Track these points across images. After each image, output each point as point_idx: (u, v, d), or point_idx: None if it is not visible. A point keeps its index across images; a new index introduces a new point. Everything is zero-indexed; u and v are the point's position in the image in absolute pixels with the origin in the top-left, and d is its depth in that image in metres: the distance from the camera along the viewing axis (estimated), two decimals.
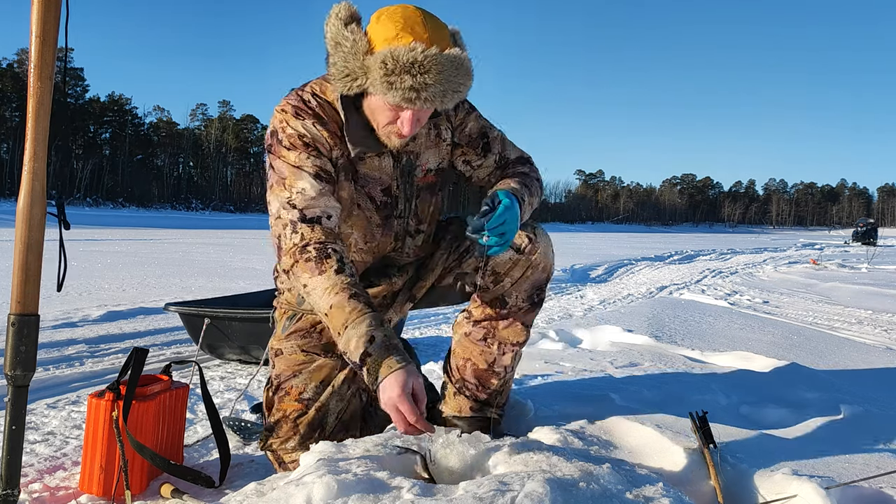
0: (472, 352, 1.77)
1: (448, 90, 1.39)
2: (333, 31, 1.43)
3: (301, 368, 1.69)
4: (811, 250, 21.92)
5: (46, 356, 3.11)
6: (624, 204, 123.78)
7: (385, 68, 1.35)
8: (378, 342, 1.31)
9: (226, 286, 6.21)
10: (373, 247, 1.69)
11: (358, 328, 1.32)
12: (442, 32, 1.42)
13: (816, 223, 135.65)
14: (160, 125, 79.07)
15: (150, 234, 19.27)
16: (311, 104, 1.54)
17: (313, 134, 1.51)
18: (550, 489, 1.13)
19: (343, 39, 1.41)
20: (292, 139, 1.50)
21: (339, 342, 1.36)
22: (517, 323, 1.74)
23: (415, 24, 1.38)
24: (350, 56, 1.40)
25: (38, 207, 1.40)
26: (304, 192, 1.46)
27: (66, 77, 1.67)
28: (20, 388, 1.43)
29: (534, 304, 1.74)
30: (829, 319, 5.45)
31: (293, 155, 1.49)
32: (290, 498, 1.16)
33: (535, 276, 1.71)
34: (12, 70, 60.99)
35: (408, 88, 1.35)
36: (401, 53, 1.34)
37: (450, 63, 1.37)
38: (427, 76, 1.35)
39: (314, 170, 1.49)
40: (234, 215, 62.05)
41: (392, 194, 1.64)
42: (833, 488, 1.35)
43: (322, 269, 1.39)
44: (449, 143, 1.70)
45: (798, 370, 2.79)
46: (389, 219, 1.66)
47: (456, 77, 1.39)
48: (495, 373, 1.77)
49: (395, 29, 1.38)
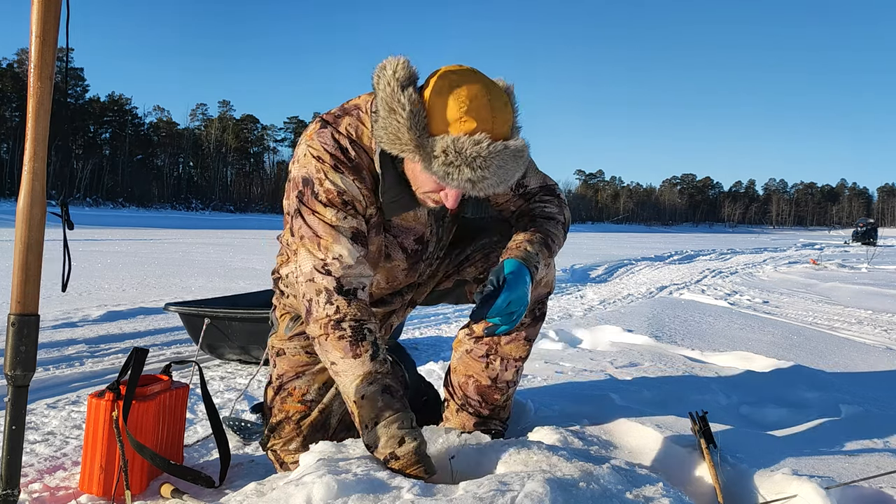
0: (475, 369, 1.75)
1: (503, 181, 1.33)
2: (388, 92, 1.32)
3: (304, 370, 1.68)
4: (811, 250, 21.92)
5: (46, 356, 3.12)
6: (624, 204, 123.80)
7: (446, 158, 1.28)
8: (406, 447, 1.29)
9: (226, 286, 6.21)
10: (395, 285, 1.72)
11: (389, 428, 1.31)
12: (506, 116, 1.33)
13: (816, 223, 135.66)
14: (160, 125, 79.09)
15: (150, 234, 19.27)
16: (349, 154, 1.45)
17: (353, 192, 1.45)
18: (550, 489, 1.13)
19: (398, 107, 1.30)
20: (330, 195, 1.43)
21: (364, 434, 1.35)
22: (520, 338, 1.72)
23: (481, 108, 1.29)
24: (405, 129, 1.30)
25: (38, 207, 1.40)
26: (341, 258, 1.42)
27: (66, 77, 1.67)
28: (20, 388, 1.43)
29: (536, 318, 1.71)
30: (829, 319, 5.45)
31: (330, 213, 1.43)
32: (290, 498, 1.16)
33: (537, 290, 1.65)
34: (12, 70, 60.99)
35: (465, 180, 1.29)
36: (465, 146, 1.26)
37: (510, 156, 1.31)
38: (486, 171, 1.28)
39: (351, 233, 1.43)
40: (234, 215, 62.10)
41: (424, 241, 1.65)
42: (833, 488, 1.35)
43: (357, 353, 1.37)
44: None
45: (798, 370, 2.79)
46: (417, 263, 1.68)
47: (514, 168, 1.33)
48: (498, 388, 1.75)
49: (458, 111, 1.29)
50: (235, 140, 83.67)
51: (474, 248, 1.72)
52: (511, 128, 1.34)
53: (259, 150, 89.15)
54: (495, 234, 1.70)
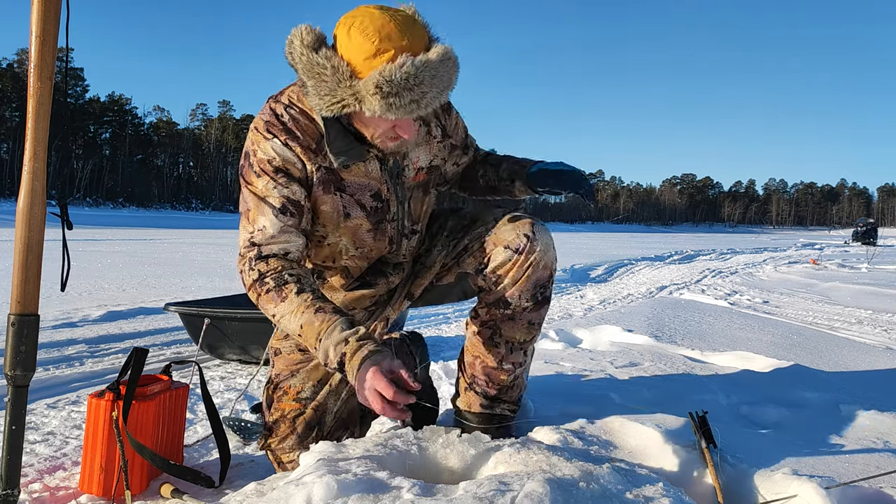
0: (482, 350, 1.75)
1: (444, 88, 1.36)
2: (305, 60, 1.35)
3: (299, 367, 1.69)
4: (811, 250, 21.92)
5: (46, 356, 3.12)
6: (624, 204, 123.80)
7: (381, 92, 1.29)
8: (352, 344, 1.32)
9: (226, 286, 6.21)
10: (365, 252, 1.68)
11: (331, 337, 1.34)
12: (416, 31, 1.35)
13: (816, 223, 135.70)
14: (160, 125, 79.12)
15: (150, 234, 19.27)
16: (283, 118, 1.49)
17: (283, 156, 1.47)
18: (550, 489, 1.13)
19: (319, 69, 1.34)
20: (262, 164, 1.48)
21: (318, 356, 1.38)
22: (523, 322, 1.71)
23: (390, 31, 1.31)
24: (334, 84, 1.33)
25: (38, 207, 1.40)
26: (264, 229, 1.47)
27: (66, 77, 1.67)
28: (20, 388, 1.43)
29: (538, 302, 1.69)
30: (829, 319, 5.45)
31: (261, 183, 1.47)
32: (290, 498, 1.16)
33: (536, 274, 1.65)
34: (12, 70, 61.01)
35: (409, 103, 1.31)
36: (393, 73, 1.28)
37: (440, 64, 1.33)
38: (423, 86, 1.31)
39: (280, 202, 1.47)
40: (234, 215, 61.77)
41: (383, 198, 1.62)
42: (833, 488, 1.35)
43: (283, 296, 1.41)
44: (440, 141, 1.70)
45: (798, 370, 2.79)
46: (382, 223, 1.64)
47: (448, 74, 1.36)
48: (504, 370, 1.74)
49: (370, 43, 1.31)
50: (235, 140, 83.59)
51: (471, 238, 1.70)
52: (428, 41, 1.37)
53: None
54: (490, 221, 1.69)
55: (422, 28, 1.37)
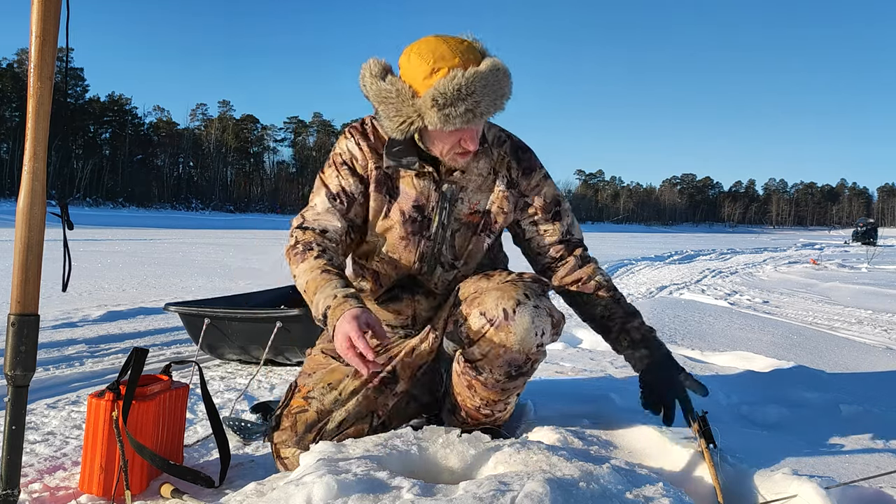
0: (462, 390, 1.69)
1: (497, 97, 1.47)
2: (374, 89, 1.51)
3: (318, 369, 1.71)
4: (811, 250, 21.92)
5: (46, 356, 3.11)
6: (624, 204, 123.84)
7: (437, 104, 1.43)
8: (339, 299, 1.44)
9: (226, 286, 6.21)
10: (394, 259, 1.71)
11: (324, 291, 1.48)
12: (468, 50, 1.48)
13: (816, 223, 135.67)
14: (160, 125, 79.09)
15: (150, 234, 19.28)
16: (365, 125, 1.70)
17: (352, 151, 1.67)
18: (550, 489, 1.13)
19: (386, 94, 1.49)
20: (335, 157, 1.69)
21: (313, 310, 1.50)
22: (496, 389, 1.61)
23: (444, 53, 1.46)
24: (399, 105, 1.48)
25: (38, 207, 1.40)
26: (314, 207, 1.67)
27: (67, 77, 1.67)
28: (20, 388, 1.43)
29: (511, 377, 1.59)
30: (829, 319, 5.45)
31: (329, 172, 1.69)
32: (290, 498, 1.16)
33: (508, 356, 1.54)
34: (12, 70, 61.00)
35: (464, 112, 1.44)
36: (445, 86, 1.42)
37: (490, 74, 1.45)
38: (475, 95, 1.43)
39: (336, 188, 1.66)
40: (234, 215, 62.08)
41: (424, 214, 1.67)
42: (833, 488, 1.35)
43: (304, 259, 1.58)
44: (504, 191, 1.71)
45: (798, 370, 2.79)
46: (416, 235, 1.68)
47: (499, 83, 1.47)
48: (483, 414, 1.70)
49: (426, 65, 1.46)
50: (235, 140, 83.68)
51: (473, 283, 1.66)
52: (481, 58, 1.48)
53: (259, 150, 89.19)
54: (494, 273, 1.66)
55: (475, 48, 1.51)
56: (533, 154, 1.78)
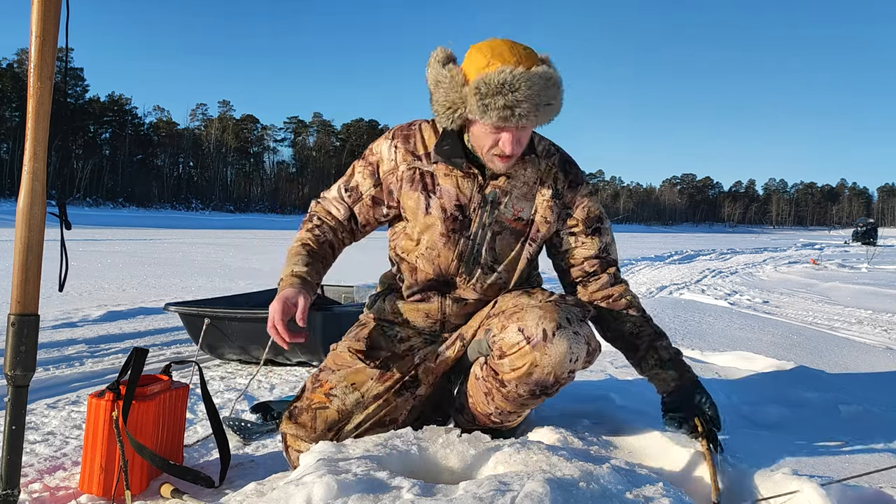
0: (477, 394, 1.69)
1: (540, 104, 1.48)
2: (434, 73, 1.56)
3: (341, 367, 1.70)
4: (811, 250, 21.93)
5: (46, 356, 3.11)
6: (624, 204, 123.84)
7: (479, 93, 1.46)
8: (288, 278, 1.59)
9: (226, 286, 6.22)
10: (433, 256, 1.70)
11: (288, 263, 1.65)
12: (529, 55, 1.51)
13: (816, 223, 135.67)
14: (160, 125, 79.09)
15: (150, 234, 19.28)
16: (413, 127, 1.74)
17: (383, 154, 1.74)
18: (550, 489, 1.13)
19: (442, 78, 1.54)
20: (367, 154, 1.78)
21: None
22: (516, 403, 1.60)
23: (503, 52, 1.50)
24: (449, 90, 1.53)
25: (38, 207, 1.40)
26: (331, 190, 1.83)
27: (66, 77, 1.67)
28: (20, 388, 1.43)
29: (535, 395, 1.57)
30: (829, 319, 5.45)
31: (358, 165, 1.79)
32: (290, 498, 1.16)
33: (537, 376, 1.52)
34: (12, 70, 60.99)
35: (501, 107, 1.45)
36: (491, 77, 1.45)
37: (538, 78, 1.47)
38: (517, 94, 1.45)
39: (352, 182, 1.78)
40: (233, 215, 62.08)
41: (466, 214, 1.68)
42: (833, 486, 1.35)
43: (302, 228, 1.77)
44: (548, 201, 1.71)
45: (798, 370, 2.79)
46: (456, 234, 1.68)
47: (545, 91, 1.48)
48: (493, 421, 1.70)
49: (484, 59, 1.49)
50: (235, 140, 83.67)
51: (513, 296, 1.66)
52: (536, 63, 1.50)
53: (259, 150, 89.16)
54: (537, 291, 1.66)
55: (536, 56, 1.53)
56: (580, 169, 1.78)
